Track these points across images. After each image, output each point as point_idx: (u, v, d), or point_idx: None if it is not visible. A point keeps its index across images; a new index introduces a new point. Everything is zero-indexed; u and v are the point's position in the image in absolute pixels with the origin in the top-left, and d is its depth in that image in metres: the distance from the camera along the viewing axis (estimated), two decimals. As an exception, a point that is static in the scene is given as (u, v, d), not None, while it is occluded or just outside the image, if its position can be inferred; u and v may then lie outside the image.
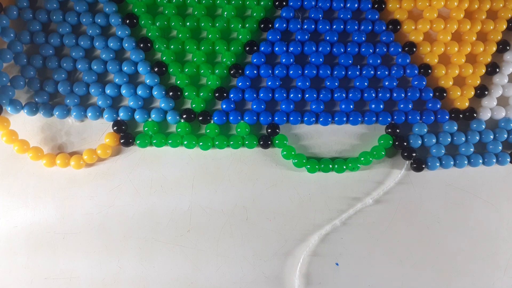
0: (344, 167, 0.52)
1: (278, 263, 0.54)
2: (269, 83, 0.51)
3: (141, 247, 0.53)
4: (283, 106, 0.51)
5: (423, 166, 0.52)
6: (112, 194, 0.53)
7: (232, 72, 0.51)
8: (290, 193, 0.53)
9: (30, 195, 0.52)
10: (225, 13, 0.50)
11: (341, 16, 0.51)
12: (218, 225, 0.53)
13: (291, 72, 0.51)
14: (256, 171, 0.53)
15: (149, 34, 0.50)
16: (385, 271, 0.54)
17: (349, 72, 0.51)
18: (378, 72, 0.51)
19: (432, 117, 0.52)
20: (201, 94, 0.51)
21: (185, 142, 0.51)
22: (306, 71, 0.51)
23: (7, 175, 0.52)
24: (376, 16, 0.51)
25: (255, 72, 0.51)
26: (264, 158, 0.53)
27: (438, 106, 0.52)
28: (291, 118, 0.51)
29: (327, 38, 0.51)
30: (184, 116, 0.51)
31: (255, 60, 0.51)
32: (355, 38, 0.51)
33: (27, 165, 0.52)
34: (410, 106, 0.52)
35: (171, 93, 0.51)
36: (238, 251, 0.53)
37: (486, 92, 0.52)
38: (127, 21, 0.50)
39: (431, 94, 0.52)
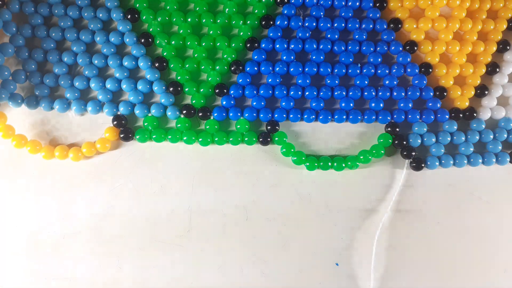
0: (343, 165, 0.52)
1: (278, 263, 0.53)
2: (270, 80, 0.51)
3: (141, 247, 0.53)
4: (283, 103, 0.51)
5: (423, 165, 0.52)
6: (112, 194, 0.52)
7: (232, 68, 0.51)
8: (290, 193, 0.53)
9: (30, 195, 0.52)
10: (227, 9, 0.50)
11: (343, 14, 0.51)
12: (218, 225, 0.53)
13: (291, 69, 0.51)
14: (256, 171, 0.53)
15: (150, 29, 0.50)
16: (384, 271, 0.54)
17: (350, 70, 0.51)
18: (379, 71, 0.51)
19: (432, 117, 0.52)
20: (201, 90, 0.51)
21: (185, 138, 0.51)
22: (306, 69, 0.51)
23: (7, 175, 0.52)
24: (377, 15, 0.51)
25: (255, 68, 0.51)
26: (264, 158, 0.53)
27: (438, 105, 0.52)
28: (291, 116, 0.51)
29: (328, 36, 0.51)
30: (184, 111, 0.51)
31: (255, 57, 0.51)
32: (356, 37, 0.51)
33: (27, 165, 0.52)
34: (410, 105, 0.52)
35: (171, 89, 0.51)
36: (238, 251, 0.53)
37: (486, 92, 0.52)
38: (129, 16, 0.50)
39: (431, 93, 0.52)
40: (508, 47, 0.52)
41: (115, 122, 0.51)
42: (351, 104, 0.51)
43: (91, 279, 0.53)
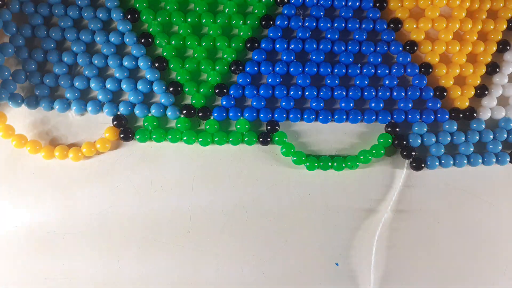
0: (343, 165, 0.52)
1: (278, 263, 0.53)
2: (270, 80, 0.51)
3: (141, 247, 0.53)
4: (283, 103, 0.51)
5: (423, 165, 0.52)
6: (112, 194, 0.52)
7: (232, 68, 0.51)
8: (290, 193, 0.53)
9: (30, 195, 0.52)
10: (227, 9, 0.50)
11: (343, 14, 0.51)
12: (218, 225, 0.53)
13: (291, 69, 0.51)
14: (256, 171, 0.53)
15: (150, 29, 0.50)
16: (385, 271, 0.54)
17: (350, 70, 0.51)
18: (379, 71, 0.51)
19: (432, 117, 0.52)
20: (201, 90, 0.51)
21: (185, 138, 0.51)
22: (306, 69, 0.51)
23: (7, 175, 0.52)
24: (377, 15, 0.51)
25: (255, 68, 0.51)
26: (264, 158, 0.53)
27: (438, 105, 0.52)
28: (291, 116, 0.51)
29: (328, 36, 0.51)
30: (184, 111, 0.51)
31: (255, 57, 0.51)
32: (356, 37, 0.51)
33: (27, 165, 0.52)
34: (410, 105, 0.52)
35: (171, 89, 0.51)
36: (238, 251, 0.53)
37: (486, 92, 0.52)
38: (129, 16, 0.50)
39: (431, 93, 0.52)
40: (508, 47, 0.52)
41: (115, 122, 0.51)
42: (351, 104, 0.51)
43: (91, 279, 0.53)
